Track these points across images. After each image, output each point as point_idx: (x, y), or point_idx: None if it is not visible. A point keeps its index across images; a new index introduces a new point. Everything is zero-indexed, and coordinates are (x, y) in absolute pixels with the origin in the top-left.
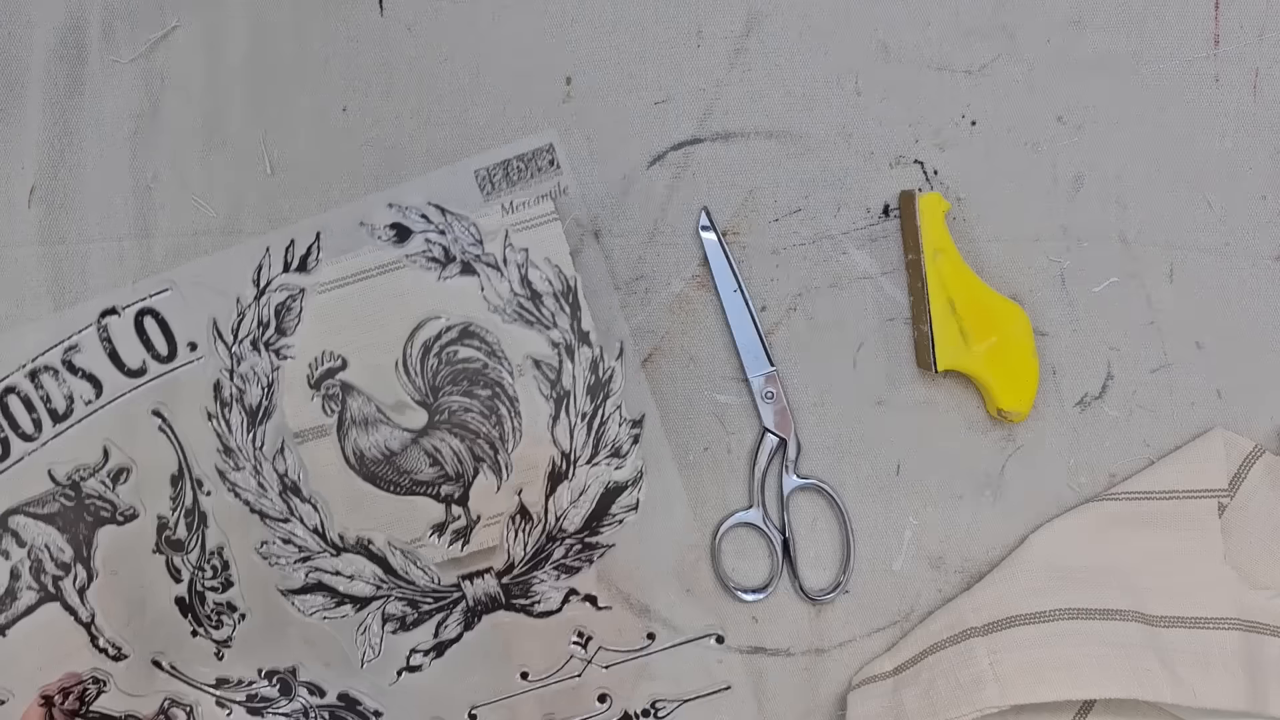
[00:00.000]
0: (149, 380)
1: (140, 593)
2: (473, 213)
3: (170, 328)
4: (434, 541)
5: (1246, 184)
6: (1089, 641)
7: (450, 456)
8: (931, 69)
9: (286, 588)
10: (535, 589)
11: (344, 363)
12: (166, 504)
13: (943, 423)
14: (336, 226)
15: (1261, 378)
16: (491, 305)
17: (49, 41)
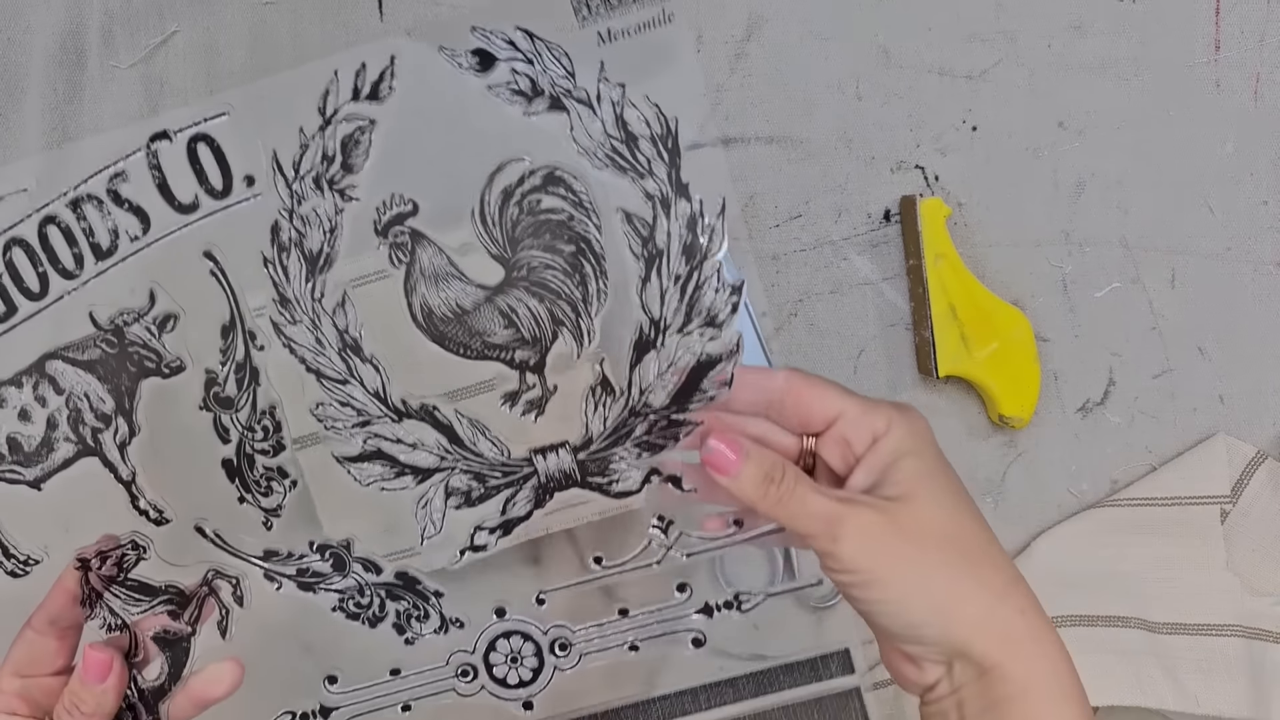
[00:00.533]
0: (201, 217)
1: (184, 453)
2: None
3: (226, 159)
4: (505, 411)
5: (1248, 189)
6: (1091, 648)
7: (527, 318)
8: (932, 74)
9: (343, 455)
10: (613, 467)
11: (415, 207)
12: (216, 357)
13: (944, 429)
14: (411, 52)
15: (1264, 383)
16: (581, 147)
17: (48, 47)
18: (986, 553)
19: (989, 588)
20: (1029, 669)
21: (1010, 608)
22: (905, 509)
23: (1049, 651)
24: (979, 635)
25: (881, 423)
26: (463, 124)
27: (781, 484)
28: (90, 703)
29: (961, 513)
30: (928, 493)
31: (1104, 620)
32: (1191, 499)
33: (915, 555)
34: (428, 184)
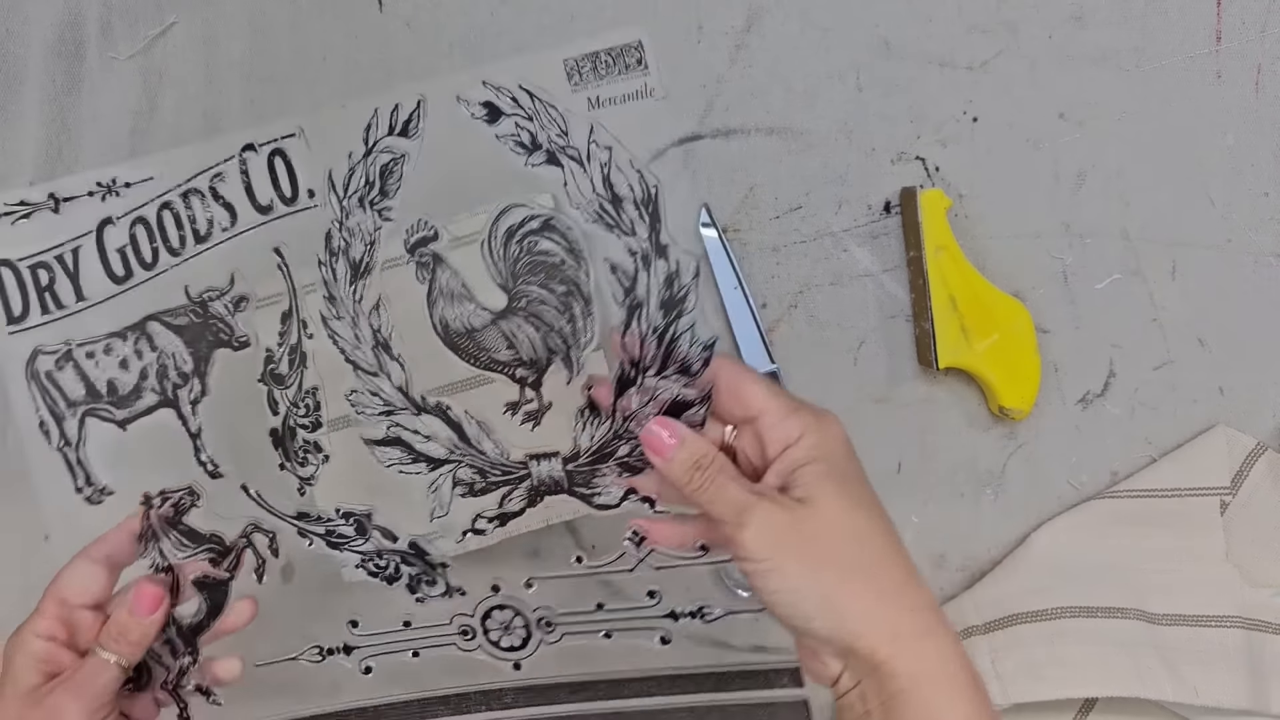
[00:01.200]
0: (274, 219)
1: (241, 418)
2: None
3: (295, 172)
4: (507, 418)
5: (1249, 180)
6: (1090, 640)
7: (525, 343)
8: (933, 65)
9: (369, 438)
10: (597, 481)
11: (436, 233)
12: (275, 338)
13: (944, 421)
14: (436, 97)
15: (1264, 375)
16: (573, 201)
17: (47, 38)
18: (883, 554)
19: (878, 586)
20: (917, 665)
21: (898, 606)
22: (807, 510)
23: (938, 646)
24: (866, 631)
25: (795, 431)
26: (477, 164)
27: (706, 471)
28: (135, 633)
29: (861, 516)
30: (829, 497)
31: (1103, 611)
32: (1191, 490)
33: (810, 551)
34: (447, 211)
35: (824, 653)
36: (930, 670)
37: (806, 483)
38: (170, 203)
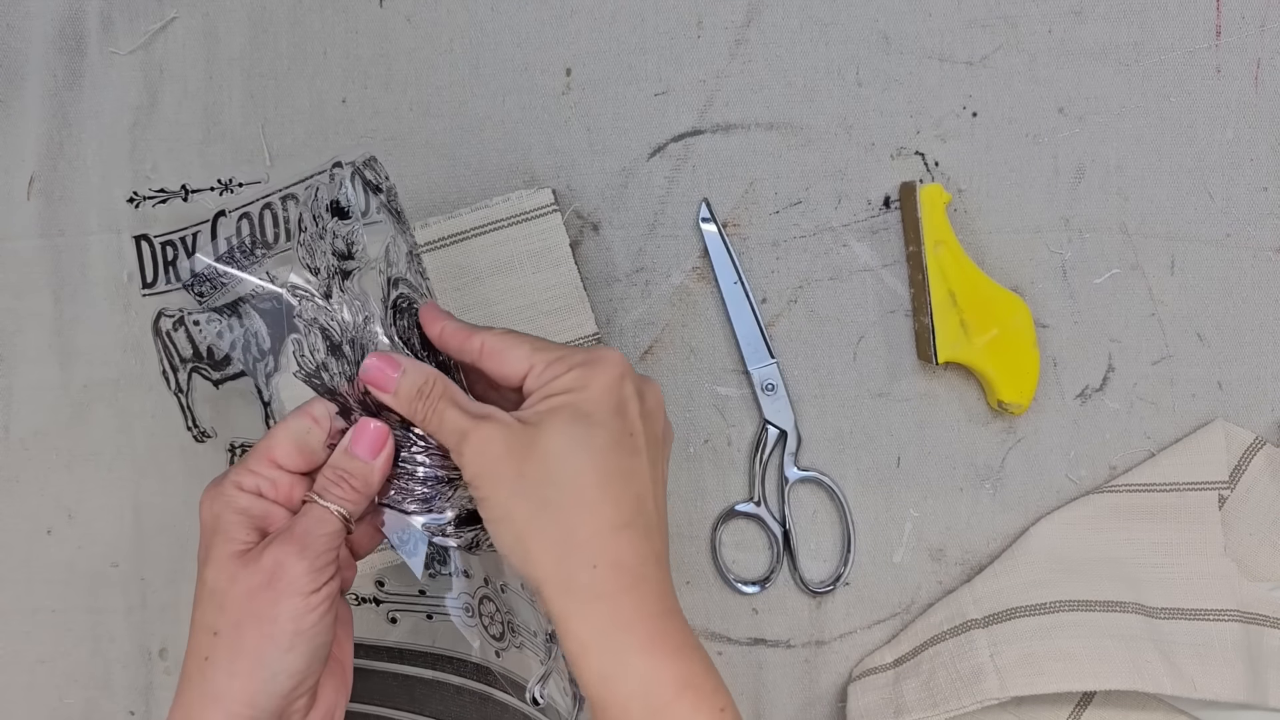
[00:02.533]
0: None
1: (306, 395)
2: (474, 204)
3: (369, 189)
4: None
5: (1248, 175)
6: (1089, 633)
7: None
8: (933, 59)
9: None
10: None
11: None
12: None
13: (943, 415)
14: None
15: (1262, 370)
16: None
17: (48, 33)
18: (591, 500)
19: (569, 532)
20: (585, 628)
21: (581, 560)
22: (528, 434)
23: (613, 611)
24: (545, 579)
25: (557, 372)
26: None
27: (429, 398)
28: (359, 478)
29: (581, 457)
30: (554, 427)
31: (1101, 605)
32: (1190, 485)
33: (517, 483)
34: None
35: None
36: (597, 637)
37: (539, 410)
38: (271, 203)
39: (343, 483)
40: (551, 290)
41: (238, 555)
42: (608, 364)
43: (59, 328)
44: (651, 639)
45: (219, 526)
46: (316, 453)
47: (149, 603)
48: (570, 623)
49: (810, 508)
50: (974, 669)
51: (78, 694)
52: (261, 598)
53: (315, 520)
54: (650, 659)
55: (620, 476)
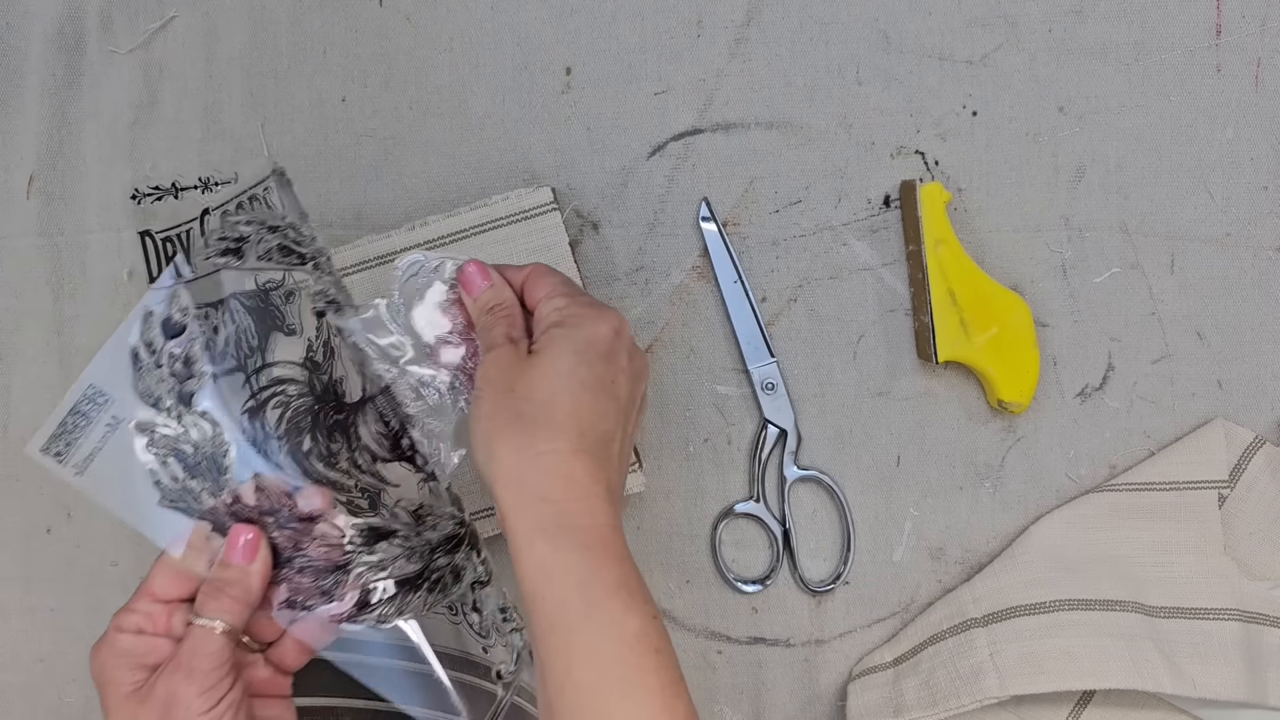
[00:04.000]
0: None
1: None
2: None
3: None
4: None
5: (1248, 174)
6: (1089, 632)
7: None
8: (933, 58)
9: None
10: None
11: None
12: (314, 332)
13: (943, 414)
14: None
15: (1262, 368)
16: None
17: (47, 32)
18: (557, 421)
19: (531, 443)
20: (531, 521)
21: (537, 467)
22: (525, 361)
23: (556, 512)
24: (501, 479)
25: (561, 304)
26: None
27: (494, 314)
28: (238, 586)
29: (560, 381)
30: (547, 357)
31: (1101, 604)
32: (1189, 484)
33: (505, 394)
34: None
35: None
36: (541, 532)
37: (543, 340)
38: (243, 203)
39: (220, 594)
40: None
41: (131, 695)
42: (608, 317)
43: (58, 326)
44: (592, 543)
45: (106, 675)
46: (200, 577)
47: None
48: (518, 517)
49: (810, 507)
50: (974, 668)
51: (77, 692)
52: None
53: (199, 640)
54: (590, 557)
55: (591, 412)
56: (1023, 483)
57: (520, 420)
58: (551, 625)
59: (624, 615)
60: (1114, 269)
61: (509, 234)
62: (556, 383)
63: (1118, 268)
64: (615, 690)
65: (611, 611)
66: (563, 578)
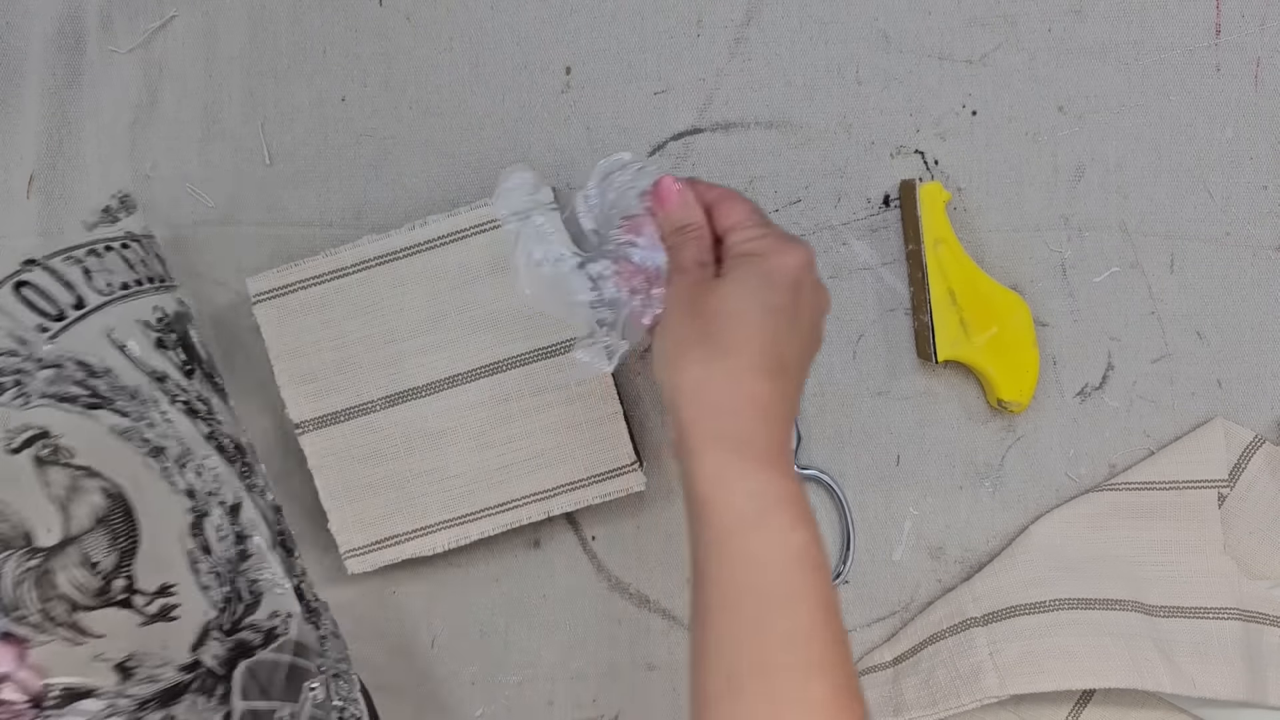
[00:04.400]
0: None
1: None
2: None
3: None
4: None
5: (1248, 174)
6: (1088, 631)
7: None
8: (932, 58)
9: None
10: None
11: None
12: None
13: (943, 413)
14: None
15: (1262, 368)
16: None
17: (47, 31)
18: (740, 339)
19: (717, 357)
20: (709, 430)
21: (720, 382)
22: (715, 284)
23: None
24: (683, 389)
25: (755, 235)
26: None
27: (686, 235)
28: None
29: (747, 304)
30: (737, 282)
31: (1101, 603)
32: (1189, 483)
33: (691, 315)
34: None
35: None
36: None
37: (732, 265)
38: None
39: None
40: None
41: None
42: (798, 249)
43: None
44: (766, 457)
45: None
46: None
47: None
48: (695, 427)
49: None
50: (973, 667)
51: None
52: None
53: None
54: (764, 468)
55: (774, 337)
56: (1022, 482)
57: (707, 338)
58: (721, 530)
59: (792, 528)
60: (1114, 268)
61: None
62: (743, 304)
63: (1117, 267)
64: (777, 599)
65: (781, 522)
66: (737, 484)
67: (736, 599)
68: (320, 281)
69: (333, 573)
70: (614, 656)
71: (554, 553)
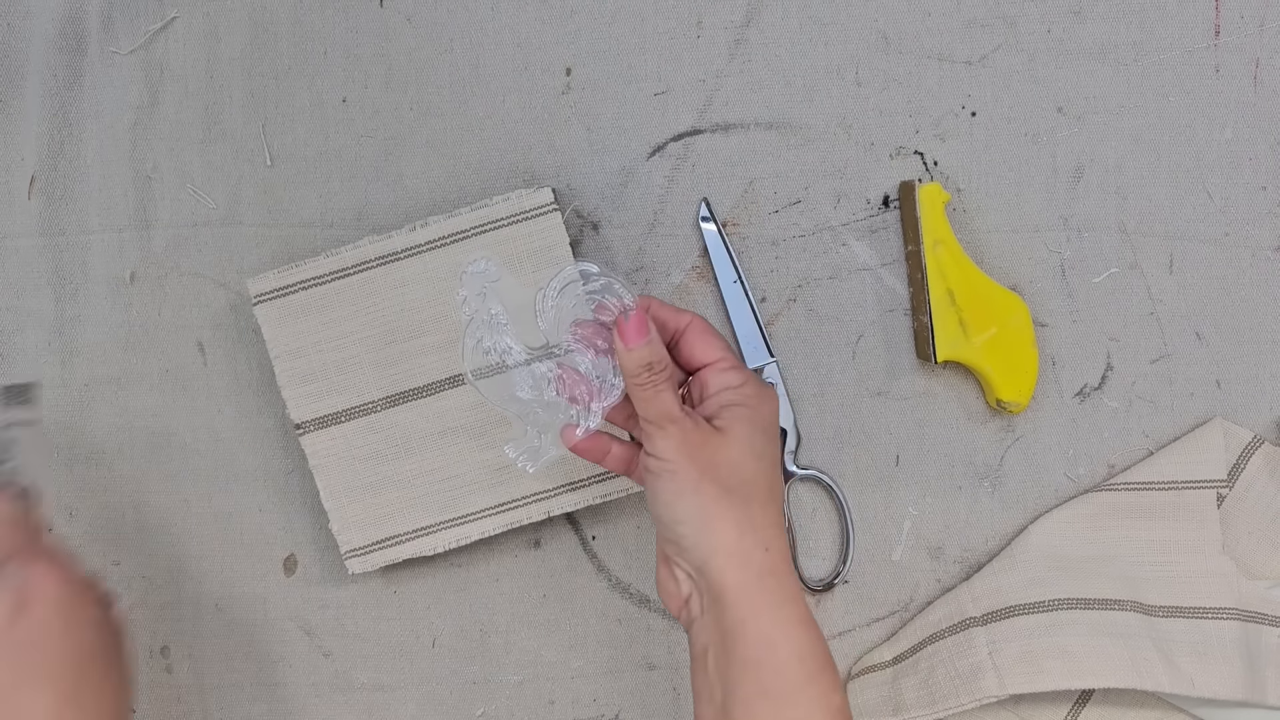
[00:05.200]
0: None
1: None
2: (473, 203)
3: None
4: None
5: (1247, 175)
6: (1087, 631)
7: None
8: (932, 59)
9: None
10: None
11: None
12: None
13: (942, 414)
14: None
15: (1261, 368)
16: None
17: (48, 32)
18: (761, 499)
19: (748, 519)
20: (760, 596)
21: (757, 540)
22: (719, 438)
23: (780, 585)
24: (723, 551)
25: (737, 380)
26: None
27: (655, 374)
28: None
29: (758, 463)
30: (741, 435)
31: (1100, 604)
32: (1188, 484)
33: (706, 468)
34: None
35: (679, 564)
36: (768, 606)
37: (728, 418)
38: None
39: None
40: None
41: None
42: (772, 395)
43: (60, 326)
44: (807, 618)
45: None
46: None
47: (150, 601)
48: (743, 590)
49: (809, 506)
50: (973, 667)
51: None
52: None
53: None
54: (809, 632)
55: (776, 486)
56: (1021, 482)
57: (733, 494)
58: (765, 691)
59: (832, 690)
60: (1113, 269)
61: (509, 234)
62: (754, 461)
63: (1116, 268)
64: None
65: (824, 685)
66: (785, 648)
67: None
68: (321, 282)
69: (333, 573)
70: (614, 656)
71: (554, 553)
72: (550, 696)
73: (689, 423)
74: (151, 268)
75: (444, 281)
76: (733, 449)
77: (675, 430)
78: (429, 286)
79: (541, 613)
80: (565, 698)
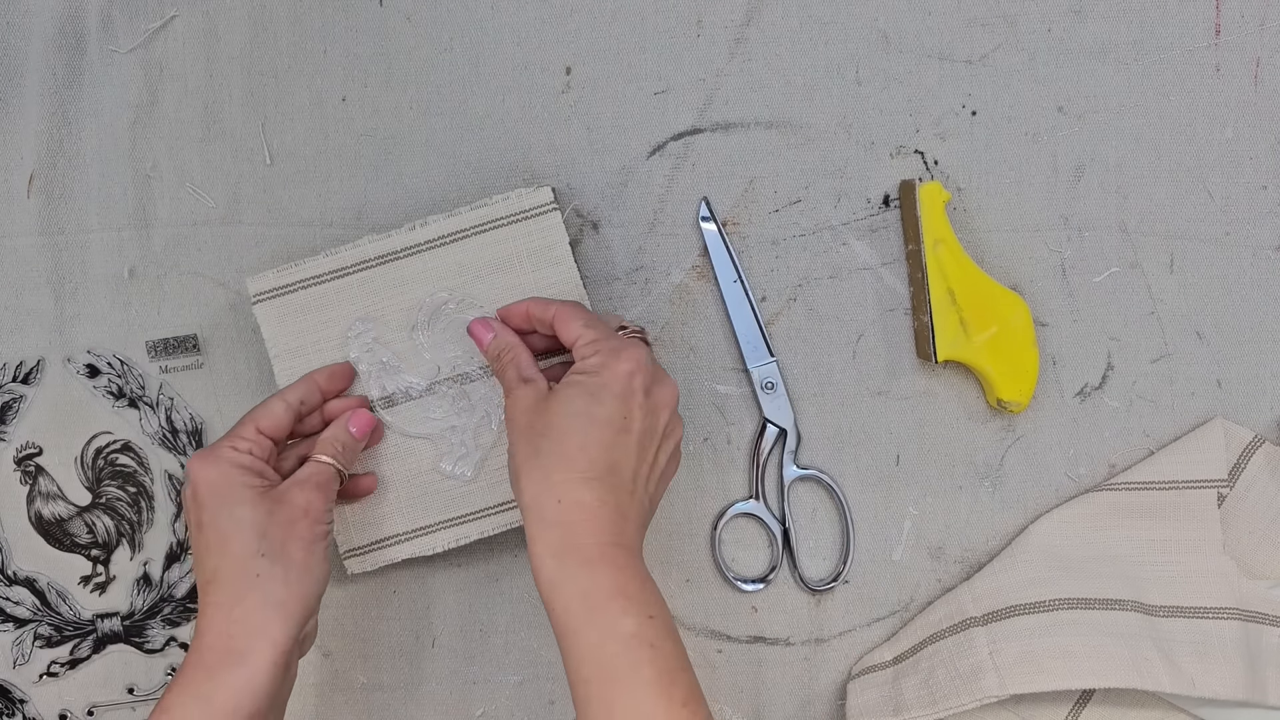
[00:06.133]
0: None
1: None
2: (473, 202)
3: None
4: (80, 589)
5: (1247, 174)
6: (1088, 631)
7: (101, 529)
8: (932, 58)
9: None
10: (147, 633)
11: (40, 450)
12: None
13: (942, 413)
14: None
15: (1262, 368)
16: (145, 432)
17: (47, 31)
18: (569, 454)
19: (547, 474)
20: (545, 544)
21: (550, 495)
22: (545, 400)
23: (564, 534)
24: (525, 507)
25: (587, 354)
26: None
27: (504, 357)
28: (351, 448)
29: (571, 420)
30: (564, 398)
31: (1101, 603)
32: (1189, 483)
33: (526, 429)
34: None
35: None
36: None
37: (564, 383)
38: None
39: (336, 446)
40: (551, 288)
41: (266, 495)
42: (626, 358)
43: (59, 325)
44: (594, 558)
45: (233, 479)
46: (287, 423)
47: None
48: (535, 542)
49: (810, 506)
50: (973, 667)
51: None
52: (299, 525)
53: (322, 470)
54: (590, 570)
55: (601, 445)
56: (1022, 482)
57: (538, 455)
58: (561, 631)
59: (620, 617)
60: (1113, 268)
61: (509, 234)
62: (568, 421)
63: (1117, 267)
64: (616, 682)
65: (609, 614)
66: (567, 588)
67: (585, 691)
68: (320, 281)
69: (333, 573)
70: None
71: None
72: (550, 696)
73: (522, 391)
74: (151, 267)
75: (444, 281)
76: (553, 408)
77: (509, 401)
78: (428, 285)
79: (541, 613)
80: (565, 697)
